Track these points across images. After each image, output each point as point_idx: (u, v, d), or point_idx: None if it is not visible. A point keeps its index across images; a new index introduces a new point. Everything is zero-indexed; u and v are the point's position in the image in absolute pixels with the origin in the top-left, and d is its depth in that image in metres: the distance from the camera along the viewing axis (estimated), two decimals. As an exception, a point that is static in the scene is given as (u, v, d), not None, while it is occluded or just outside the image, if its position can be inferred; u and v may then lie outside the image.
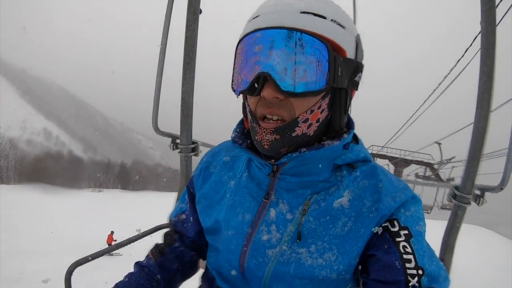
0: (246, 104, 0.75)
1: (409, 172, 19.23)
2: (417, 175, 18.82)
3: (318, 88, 0.65)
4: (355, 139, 0.83)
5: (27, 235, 20.12)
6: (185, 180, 1.72)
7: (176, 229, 0.99)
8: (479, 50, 1.26)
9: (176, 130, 1.69)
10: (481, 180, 1.37)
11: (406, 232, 0.69)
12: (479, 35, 1.25)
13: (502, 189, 1.25)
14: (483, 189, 1.34)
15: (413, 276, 0.65)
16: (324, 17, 0.65)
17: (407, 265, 0.66)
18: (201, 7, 1.54)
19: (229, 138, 0.96)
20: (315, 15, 0.64)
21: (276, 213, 0.75)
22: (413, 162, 19.72)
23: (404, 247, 0.67)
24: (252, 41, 0.66)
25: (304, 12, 0.64)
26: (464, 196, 1.35)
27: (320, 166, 0.74)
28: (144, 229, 1.65)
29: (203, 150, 1.70)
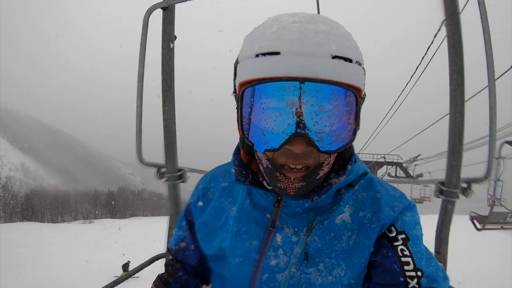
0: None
1: (382, 173, 21.78)
2: (389, 175, 21.27)
3: (350, 140, 0.64)
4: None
5: (40, 270, 19.41)
6: (175, 207, 1.68)
7: (177, 257, 0.96)
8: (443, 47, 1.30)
9: (158, 158, 1.66)
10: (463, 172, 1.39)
11: (403, 236, 0.72)
12: (439, 34, 1.29)
13: (486, 178, 1.29)
14: (470, 181, 1.37)
15: (412, 277, 0.67)
16: (351, 60, 0.61)
17: (406, 267, 0.68)
18: (175, 34, 1.55)
19: (219, 163, 0.93)
20: (345, 59, 0.60)
21: (282, 237, 0.75)
22: (384, 164, 22.92)
23: (402, 250, 0.70)
24: (281, 93, 0.59)
25: (335, 57, 0.59)
26: (451, 191, 1.38)
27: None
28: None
29: (190, 176, 1.68)
